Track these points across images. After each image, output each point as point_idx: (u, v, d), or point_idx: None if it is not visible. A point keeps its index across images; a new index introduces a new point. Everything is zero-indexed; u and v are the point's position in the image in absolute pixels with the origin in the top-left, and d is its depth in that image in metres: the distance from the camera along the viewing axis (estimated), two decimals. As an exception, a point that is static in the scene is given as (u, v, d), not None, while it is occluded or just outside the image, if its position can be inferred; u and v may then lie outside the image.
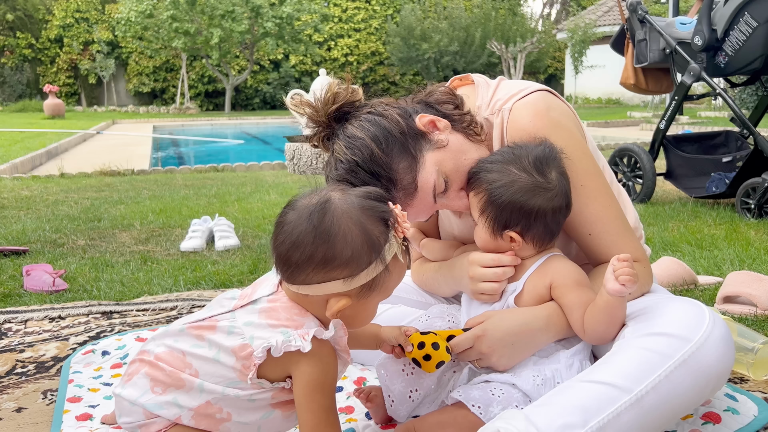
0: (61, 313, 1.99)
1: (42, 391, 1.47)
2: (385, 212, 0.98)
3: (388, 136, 1.18)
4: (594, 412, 0.98)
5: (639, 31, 3.86)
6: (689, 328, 1.06)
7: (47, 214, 3.81)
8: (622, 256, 1.08)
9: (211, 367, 0.98)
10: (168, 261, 2.68)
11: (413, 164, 1.19)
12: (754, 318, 1.82)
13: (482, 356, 1.15)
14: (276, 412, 1.01)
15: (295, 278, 0.97)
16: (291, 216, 0.97)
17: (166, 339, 1.03)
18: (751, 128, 3.42)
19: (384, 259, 0.96)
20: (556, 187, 1.18)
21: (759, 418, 1.24)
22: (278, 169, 6.41)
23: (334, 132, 1.23)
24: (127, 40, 19.90)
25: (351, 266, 0.95)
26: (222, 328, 0.99)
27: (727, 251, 2.60)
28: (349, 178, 1.18)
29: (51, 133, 10.09)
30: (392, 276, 0.99)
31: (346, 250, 0.94)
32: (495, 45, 16.95)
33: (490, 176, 1.19)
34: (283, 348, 0.94)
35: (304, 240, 0.94)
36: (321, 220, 0.94)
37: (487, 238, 1.21)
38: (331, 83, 1.24)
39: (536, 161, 1.18)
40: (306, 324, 0.97)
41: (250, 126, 14.58)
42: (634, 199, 3.92)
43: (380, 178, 1.17)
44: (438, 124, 1.23)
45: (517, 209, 1.17)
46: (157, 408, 0.99)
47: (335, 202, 0.96)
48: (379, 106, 1.23)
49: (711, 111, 13.06)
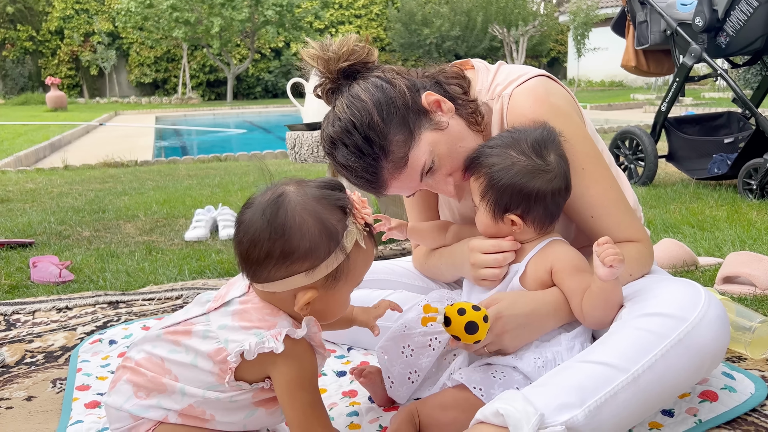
0: (68, 304, 2.02)
1: (51, 380, 1.50)
2: (341, 199, 0.97)
3: (391, 105, 1.18)
4: (591, 391, 1.00)
5: (639, 13, 3.84)
6: (685, 307, 1.08)
7: (52, 206, 3.83)
8: (601, 240, 1.08)
9: (190, 372, 0.98)
10: (172, 251, 2.71)
11: (409, 139, 1.19)
12: (754, 297, 1.83)
13: (495, 338, 1.14)
14: (259, 410, 1.02)
15: (258, 276, 0.97)
16: (247, 214, 0.96)
17: (144, 345, 1.03)
18: (752, 109, 3.41)
19: (344, 248, 0.95)
20: (554, 169, 1.19)
21: (755, 396, 1.25)
22: (281, 158, 6.42)
23: (340, 87, 1.22)
24: (128, 31, 19.84)
25: (311, 258, 0.94)
26: (197, 333, 0.99)
27: (729, 232, 2.60)
28: (343, 138, 1.18)
29: (54, 126, 10.11)
30: (357, 263, 0.98)
31: (303, 242, 0.93)
32: (497, 29, 16.83)
33: (489, 160, 1.20)
34: (256, 350, 0.93)
35: (260, 237, 0.94)
36: (275, 215, 0.94)
37: (489, 222, 1.22)
38: (349, 38, 1.23)
39: (534, 144, 1.18)
40: (278, 323, 0.97)
41: (252, 115, 14.57)
42: (636, 181, 3.92)
43: (373, 145, 1.16)
44: (443, 105, 1.23)
45: (516, 192, 1.17)
46: (143, 411, 0.99)
47: (289, 196, 0.95)
48: (390, 73, 1.22)
49: (714, 92, 12.98)
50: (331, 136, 1.20)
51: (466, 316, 1.08)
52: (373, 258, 1.03)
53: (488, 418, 0.99)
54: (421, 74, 1.28)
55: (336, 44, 1.22)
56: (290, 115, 13.32)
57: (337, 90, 1.23)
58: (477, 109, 1.27)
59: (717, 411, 1.20)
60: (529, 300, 1.18)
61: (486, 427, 0.99)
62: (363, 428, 1.21)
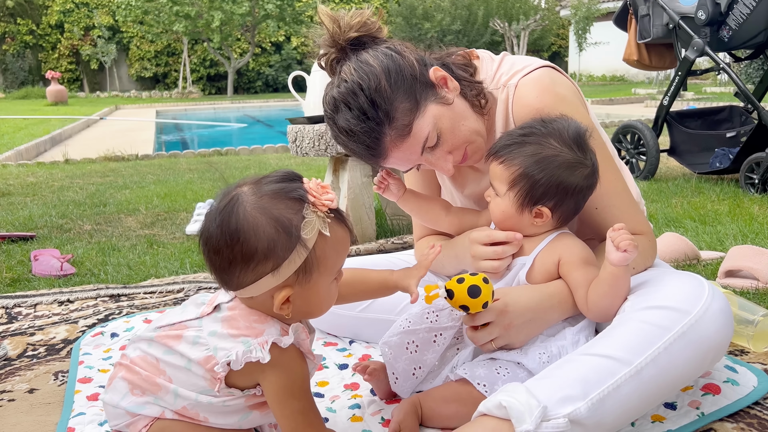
0: (69, 297, 2.02)
1: (53, 372, 1.50)
2: (295, 190, 0.93)
3: (400, 73, 1.17)
4: (594, 384, 1.00)
5: (642, 6, 3.83)
6: (688, 301, 1.08)
7: (53, 200, 3.83)
8: (616, 225, 1.08)
9: (183, 375, 0.97)
10: (174, 244, 2.71)
11: (414, 108, 1.18)
12: (756, 291, 1.83)
13: (503, 332, 1.14)
14: (254, 413, 1.01)
15: (230, 284, 0.94)
16: (204, 224, 0.94)
17: (140, 343, 1.02)
18: (755, 103, 3.40)
19: (304, 241, 0.91)
20: (592, 164, 1.17)
21: (758, 389, 1.25)
22: (281, 152, 6.41)
23: (346, 56, 1.22)
24: (128, 25, 19.81)
25: (272, 257, 0.90)
26: (188, 338, 0.97)
27: (730, 226, 2.60)
28: (348, 100, 1.16)
29: (54, 120, 10.10)
30: (326, 252, 0.94)
31: (261, 243, 0.90)
32: (498, 23, 16.79)
33: (526, 149, 1.16)
34: (243, 360, 0.92)
35: (219, 245, 0.91)
36: (228, 221, 0.91)
37: (511, 212, 1.19)
38: (364, 11, 1.23)
39: (576, 136, 1.16)
40: (266, 331, 0.95)
41: (253, 109, 14.55)
42: (638, 176, 3.91)
43: (378, 109, 1.15)
44: (449, 83, 1.23)
45: (555, 185, 1.15)
46: (139, 408, 0.98)
47: (241, 197, 0.92)
48: (400, 45, 1.22)
49: (716, 86, 12.95)
50: (335, 98, 1.18)
51: (466, 282, 1.07)
52: (348, 242, 0.99)
53: (491, 410, 0.99)
54: (429, 54, 1.29)
55: (349, 14, 1.22)
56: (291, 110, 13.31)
57: (343, 59, 1.22)
58: (482, 92, 1.27)
59: (720, 404, 1.20)
60: (534, 293, 1.17)
61: (489, 419, 0.99)
62: (365, 421, 1.22)
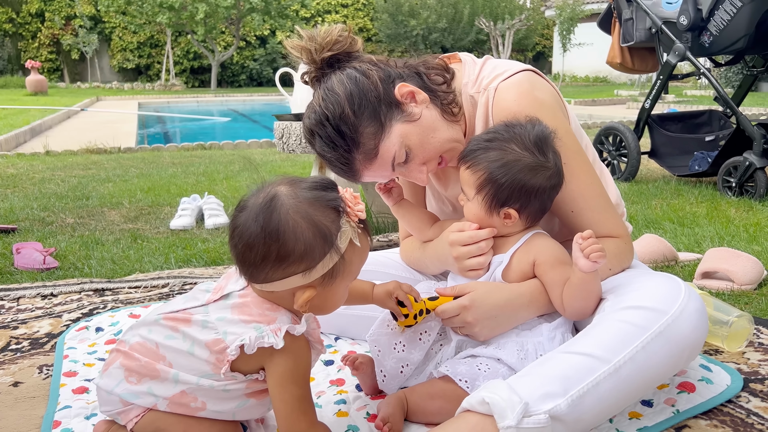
0: (53, 291, 2.01)
1: (38, 366, 1.49)
2: (333, 200, 0.97)
3: (363, 98, 1.21)
4: (574, 381, 1.03)
5: (626, 10, 3.88)
6: (665, 301, 1.11)
7: (34, 192, 3.79)
8: (585, 233, 1.11)
9: (185, 360, 0.99)
10: (158, 239, 2.70)
11: (379, 131, 1.22)
12: (731, 293, 1.88)
13: (466, 325, 1.20)
14: (251, 400, 1.03)
15: (256, 277, 0.98)
16: (241, 218, 0.96)
17: (140, 329, 1.04)
18: (733, 107, 3.47)
19: (338, 248, 0.96)
20: (554, 166, 1.21)
21: (731, 388, 1.29)
22: (266, 147, 6.40)
23: (324, 75, 1.26)
24: (110, 15, 19.53)
25: (306, 260, 0.95)
26: (196, 322, 1.00)
27: (708, 228, 2.66)
28: (317, 130, 1.23)
29: (34, 110, 9.95)
30: (353, 260, 1.00)
31: (298, 245, 0.93)
32: (483, 22, 16.84)
33: (490, 154, 1.20)
34: (256, 344, 0.95)
35: (255, 241, 0.94)
36: (269, 220, 0.94)
37: (482, 215, 1.24)
38: (334, 29, 1.26)
39: (537, 140, 1.20)
40: (278, 319, 0.98)
41: (237, 103, 14.46)
42: (619, 177, 3.97)
43: (344, 137, 1.21)
44: (416, 96, 1.26)
45: (518, 188, 1.19)
46: (132, 397, 1.00)
47: (281, 198, 0.95)
48: (366, 64, 1.25)
49: (697, 89, 13.13)
50: (309, 128, 1.26)
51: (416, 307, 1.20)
52: (368, 252, 1.04)
53: (474, 406, 1.02)
54: (402, 64, 1.31)
55: (321, 34, 1.25)
56: (275, 104, 13.25)
57: (322, 78, 1.27)
58: (454, 100, 1.30)
59: (694, 402, 1.24)
60: (504, 291, 1.21)
61: (472, 415, 1.02)
62: (351, 416, 1.23)
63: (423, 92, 1.27)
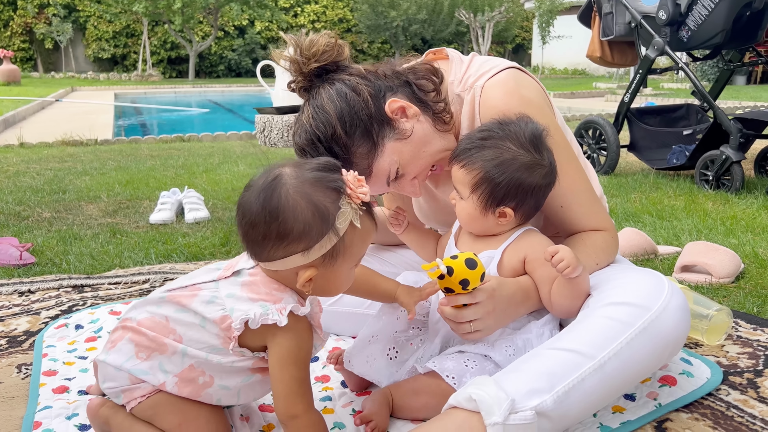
0: (30, 287, 1.98)
1: (16, 365, 1.47)
2: (335, 181, 0.99)
3: (354, 117, 1.19)
4: (560, 377, 1.03)
5: (606, 4, 3.90)
6: (649, 297, 1.12)
7: (9, 185, 3.72)
8: (546, 254, 1.09)
9: (196, 333, 1.01)
10: (137, 233, 2.67)
11: (372, 150, 1.22)
12: (710, 286, 1.91)
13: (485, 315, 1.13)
14: (256, 375, 1.05)
15: (259, 255, 1.00)
16: (246, 197, 0.99)
17: (148, 306, 1.05)
18: (710, 102, 3.52)
19: (336, 229, 0.97)
20: (549, 164, 1.21)
21: (711, 381, 1.32)
22: (246, 140, 6.34)
23: (312, 86, 1.24)
24: (85, 4, 19.17)
25: (305, 239, 0.96)
26: (203, 297, 1.02)
27: (686, 221, 2.70)
28: (309, 150, 1.21)
29: (7, 101, 9.74)
30: (354, 242, 1.00)
31: (297, 224, 0.95)
32: (463, 14, 16.85)
33: (485, 153, 1.19)
34: (260, 320, 0.97)
35: (257, 219, 0.97)
36: (270, 198, 0.96)
37: (476, 214, 1.23)
38: (319, 39, 1.23)
39: (532, 138, 1.20)
40: (284, 299, 1.00)
41: (215, 94, 14.29)
42: (599, 170, 4.01)
43: (337, 157, 1.19)
44: (408, 111, 1.24)
45: (515, 186, 1.19)
46: (142, 374, 1.02)
47: (284, 178, 0.97)
48: (356, 78, 1.22)
49: (674, 83, 13.29)
50: (300, 147, 1.24)
51: (461, 257, 1.10)
52: (372, 234, 1.05)
53: (461, 403, 1.02)
54: (391, 72, 1.28)
55: (306, 44, 1.22)
56: (254, 95, 13.13)
57: (310, 88, 1.25)
58: (446, 108, 1.29)
59: (675, 395, 1.26)
60: (512, 285, 1.21)
61: (459, 411, 1.02)
62: (337, 412, 1.23)
63: (413, 106, 1.25)
